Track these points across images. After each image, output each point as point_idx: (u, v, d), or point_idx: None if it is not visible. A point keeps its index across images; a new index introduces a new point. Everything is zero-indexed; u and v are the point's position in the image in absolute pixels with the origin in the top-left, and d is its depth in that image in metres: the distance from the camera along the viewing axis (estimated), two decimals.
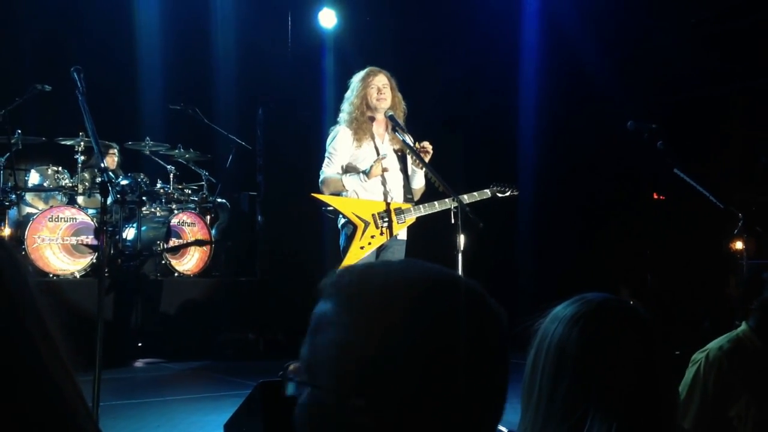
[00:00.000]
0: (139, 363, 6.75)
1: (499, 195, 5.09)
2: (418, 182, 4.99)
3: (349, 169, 4.86)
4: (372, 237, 4.69)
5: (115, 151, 7.77)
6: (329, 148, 4.87)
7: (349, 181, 4.78)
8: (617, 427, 1.20)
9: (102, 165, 4.05)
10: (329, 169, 4.83)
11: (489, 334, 0.89)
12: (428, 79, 8.37)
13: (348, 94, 4.92)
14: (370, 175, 4.71)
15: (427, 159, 4.81)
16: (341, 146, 4.82)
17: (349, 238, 4.70)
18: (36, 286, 0.76)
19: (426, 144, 4.80)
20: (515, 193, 5.17)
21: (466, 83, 9.20)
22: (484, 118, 9.18)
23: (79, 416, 0.73)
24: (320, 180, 4.85)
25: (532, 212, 8.59)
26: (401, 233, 4.85)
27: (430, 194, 4.98)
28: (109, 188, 3.77)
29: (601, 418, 1.21)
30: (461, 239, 4.45)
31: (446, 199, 4.73)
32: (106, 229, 4.48)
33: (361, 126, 4.82)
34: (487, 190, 5.04)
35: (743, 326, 2.91)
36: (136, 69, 8.75)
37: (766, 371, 2.79)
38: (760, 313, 2.88)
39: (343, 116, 4.91)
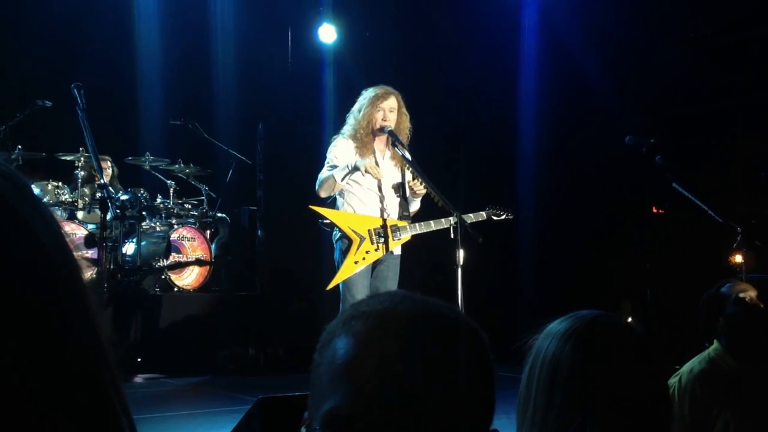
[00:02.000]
0: (138, 378, 6.73)
1: (494, 218, 5.14)
2: (414, 207, 5.02)
3: (347, 182, 4.87)
4: (366, 252, 4.70)
5: (108, 163, 7.76)
6: (329, 155, 4.89)
7: (340, 174, 4.75)
8: None
9: (102, 181, 4.06)
10: (325, 173, 4.84)
11: (479, 376, 0.90)
12: (428, 94, 8.39)
13: (355, 108, 4.94)
14: (363, 168, 4.67)
15: (419, 197, 4.85)
16: (342, 155, 4.83)
17: (344, 253, 4.71)
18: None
19: (416, 183, 4.82)
20: (510, 217, 5.21)
21: (466, 97, 9.23)
22: (483, 131, 9.20)
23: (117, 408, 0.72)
24: (316, 184, 4.86)
25: (532, 226, 8.59)
26: (396, 249, 4.86)
27: (429, 210, 4.99)
28: (109, 204, 3.78)
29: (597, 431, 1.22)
30: (461, 254, 4.46)
31: (442, 219, 4.76)
32: (105, 244, 4.49)
33: (364, 143, 4.85)
34: (483, 213, 5.09)
35: (715, 345, 2.88)
36: (137, 84, 8.78)
37: (743, 389, 2.77)
38: (730, 331, 2.85)
39: (347, 128, 4.93)
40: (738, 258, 5.29)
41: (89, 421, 0.67)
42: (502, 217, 5.16)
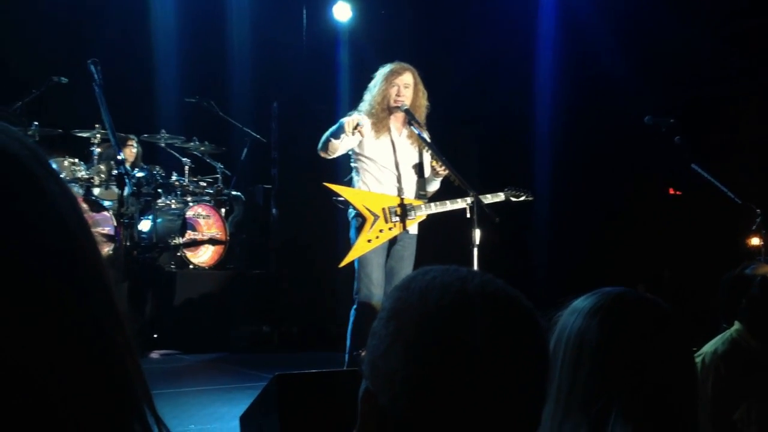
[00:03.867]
0: (154, 354, 6.79)
1: (513, 199, 5.06)
2: (434, 186, 4.98)
3: (360, 157, 4.85)
4: (380, 231, 4.68)
5: (134, 143, 7.80)
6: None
7: (336, 138, 4.63)
8: (639, 422, 1.20)
9: (119, 156, 4.07)
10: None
11: (535, 364, 0.91)
12: (443, 73, 8.34)
13: (371, 85, 4.90)
14: (345, 128, 4.55)
15: (441, 177, 4.82)
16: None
17: (358, 230, 4.69)
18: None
19: (439, 164, 4.78)
20: (529, 198, 5.14)
21: (482, 77, 9.16)
22: (499, 113, 9.14)
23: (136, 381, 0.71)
24: (318, 147, 4.79)
25: (548, 208, 8.56)
26: (412, 228, 4.83)
27: (446, 189, 4.97)
28: (126, 180, 3.79)
29: (624, 410, 1.21)
30: (477, 234, 4.45)
31: (458, 199, 4.72)
32: (122, 220, 4.51)
33: (380, 120, 4.82)
34: (501, 194, 5.01)
35: (736, 326, 2.87)
36: (152, 62, 8.78)
37: (764, 370, 2.76)
38: (751, 311, 2.84)
39: (363, 106, 4.89)
40: (755, 240, 5.26)
41: (108, 397, 0.67)
42: (522, 198, 5.10)
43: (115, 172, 6.11)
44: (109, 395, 0.68)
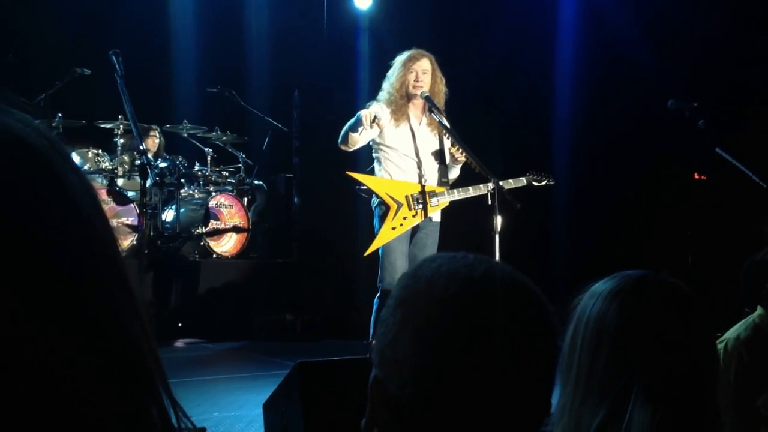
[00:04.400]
0: (179, 343, 6.85)
1: (535, 184, 5.04)
2: (454, 173, 4.97)
3: (381, 147, 4.85)
4: (404, 218, 4.68)
5: (156, 133, 7.86)
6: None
7: (351, 126, 4.66)
8: (659, 405, 1.19)
9: (141, 147, 4.09)
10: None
11: (542, 349, 0.91)
12: (463, 59, 8.30)
13: (390, 73, 4.89)
14: (363, 121, 4.58)
15: (460, 163, 4.80)
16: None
17: (381, 219, 4.69)
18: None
19: (457, 150, 4.77)
20: (551, 183, 5.11)
21: (502, 63, 9.10)
22: (520, 98, 9.08)
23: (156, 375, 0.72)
24: (338, 141, 4.81)
25: (570, 193, 8.51)
26: (435, 215, 4.83)
27: (466, 176, 4.96)
28: (148, 170, 3.81)
29: (643, 394, 1.20)
30: (498, 220, 4.43)
31: (480, 185, 4.71)
32: (145, 210, 4.54)
33: (399, 108, 4.81)
34: (523, 178, 4.99)
35: (759, 311, 2.84)
36: (173, 52, 8.82)
37: None
38: None
39: (382, 95, 4.89)
40: None
41: (125, 383, 0.68)
42: (543, 183, 5.07)
43: (138, 162, 6.15)
44: (127, 381, 0.68)
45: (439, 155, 4.91)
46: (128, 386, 0.68)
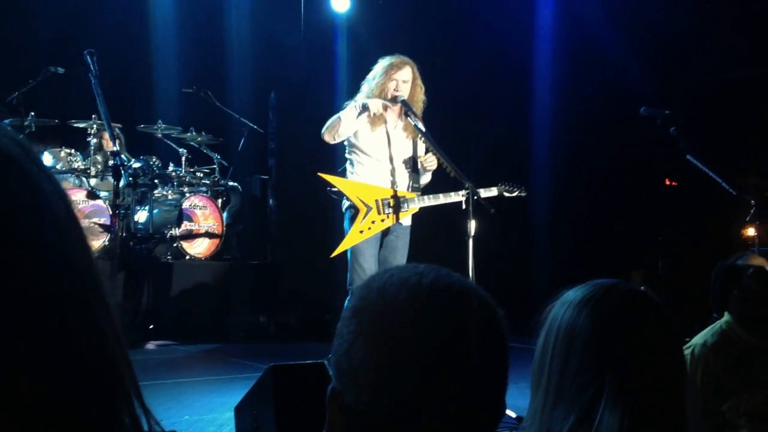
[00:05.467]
0: (150, 345, 6.79)
1: (506, 194, 5.05)
2: (425, 179, 5.00)
3: (355, 149, 4.86)
4: (373, 222, 4.69)
5: (117, 131, 7.75)
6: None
7: (348, 114, 4.72)
8: (627, 410, 1.21)
9: (115, 148, 4.07)
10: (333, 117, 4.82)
11: (491, 350, 0.93)
12: (441, 64, 8.33)
13: (370, 77, 4.89)
14: (370, 108, 4.67)
15: (430, 171, 4.83)
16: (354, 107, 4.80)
17: (350, 221, 4.71)
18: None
19: (428, 157, 4.80)
20: (523, 194, 5.12)
21: (480, 68, 9.15)
22: (497, 104, 9.13)
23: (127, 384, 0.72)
24: (323, 129, 4.83)
25: (545, 197, 8.57)
26: (405, 219, 4.85)
27: (441, 180, 4.97)
28: (122, 171, 3.78)
29: (612, 400, 1.22)
30: (472, 225, 4.45)
31: (451, 193, 4.74)
32: (118, 211, 4.51)
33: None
34: (495, 188, 5.00)
35: (726, 317, 2.88)
36: (150, 52, 8.75)
37: (754, 362, 2.77)
38: (742, 303, 2.84)
39: (360, 97, 4.89)
40: (751, 231, 5.27)
41: (98, 389, 0.68)
42: (515, 194, 5.07)
43: (111, 162, 6.10)
44: (99, 388, 0.68)
45: (412, 161, 4.93)
46: (101, 393, 0.69)
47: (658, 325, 1.29)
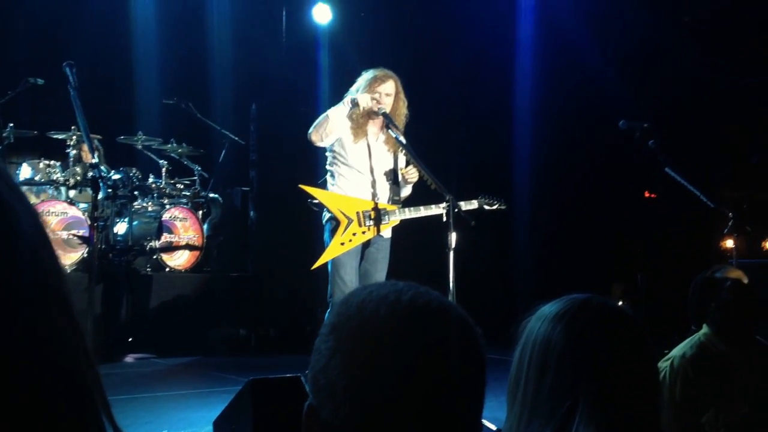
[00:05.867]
0: (129, 358, 6.74)
1: (486, 207, 5.07)
2: (406, 192, 5.01)
3: (337, 161, 4.86)
4: (354, 234, 4.69)
5: (95, 142, 7.69)
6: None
7: (336, 112, 4.73)
8: (602, 425, 1.21)
9: (94, 160, 4.04)
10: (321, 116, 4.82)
11: (468, 367, 0.94)
12: (422, 77, 8.36)
13: (353, 88, 4.90)
14: (360, 102, 4.68)
15: (411, 184, 4.85)
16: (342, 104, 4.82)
17: (331, 233, 4.71)
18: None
19: (409, 170, 4.81)
20: (503, 207, 5.14)
21: (461, 80, 9.19)
22: (478, 115, 9.17)
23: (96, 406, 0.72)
24: (310, 129, 4.83)
25: (525, 210, 8.60)
26: (386, 232, 4.85)
27: (422, 193, 4.98)
28: (100, 183, 3.76)
29: (587, 415, 1.22)
30: (453, 237, 4.46)
31: (432, 206, 4.75)
32: (96, 224, 4.48)
33: (360, 125, 4.83)
34: (475, 201, 5.02)
35: (705, 329, 2.90)
36: (130, 63, 8.71)
37: (732, 374, 2.79)
38: (720, 315, 2.86)
39: (347, 100, 4.89)
40: (729, 243, 5.31)
41: (68, 408, 0.67)
42: (495, 207, 5.09)
43: (90, 174, 6.05)
44: (69, 406, 0.68)
45: (393, 173, 4.94)
46: (70, 413, 0.68)
47: (631, 340, 1.30)
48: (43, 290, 0.68)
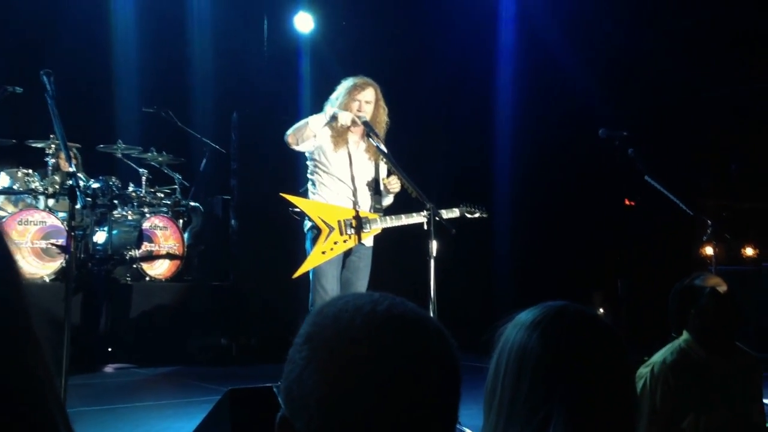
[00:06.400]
0: (109, 368, 6.68)
1: (468, 215, 5.08)
2: (387, 201, 5.01)
3: (318, 169, 4.85)
4: (335, 243, 4.68)
5: (74, 151, 7.62)
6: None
7: (316, 120, 4.72)
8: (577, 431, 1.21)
9: (71, 169, 4.00)
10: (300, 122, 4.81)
11: (444, 379, 0.93)
12: (404, 85, 8.37)
13: (333, 97, 4.90)
14: (339, 118, 4.68)
15: (393, 193, 4.86)
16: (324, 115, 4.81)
17: (312, 242, 4.70)
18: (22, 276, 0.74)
19: (392, 179, 4.81)
20: (484, 215, 5.16)
21: (443, 89, 9.22)
22: (459, 124, 9.20)
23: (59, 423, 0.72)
24: (286, 133, 4.81)
25: (506, 218, 8.63)
26: (367, 240, 4.85)
27: (404, 201, 4.98)
28: (78, 192, 3.72)
29: (563, 422, 1.22)
30: (434, 245, 4.45)
31: (413, 214, 4.75)
32: (74, 233, 4.43)
33: (340, 134, 4.82)
34: (457, 210, 5.04)
35: (685, 336, 2.91)
36: (111, 71, 8.67)
37: (713, 380, 2.80)
38: (700, 322, 2.88)
39: (329, 110, 4.88)
40: (708, 250, 5.34)
41: (26, 425, 0.67)
42: (476, 215, 5.11)
43: (69, 183, 5.99)
44: (27, 423, 0.67)
45: (374, 182, 4.94)
46: (25, 427, 0.67)
47: (608, 348, 1.29)
48: (3, 306, 0.67)
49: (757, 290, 6.95)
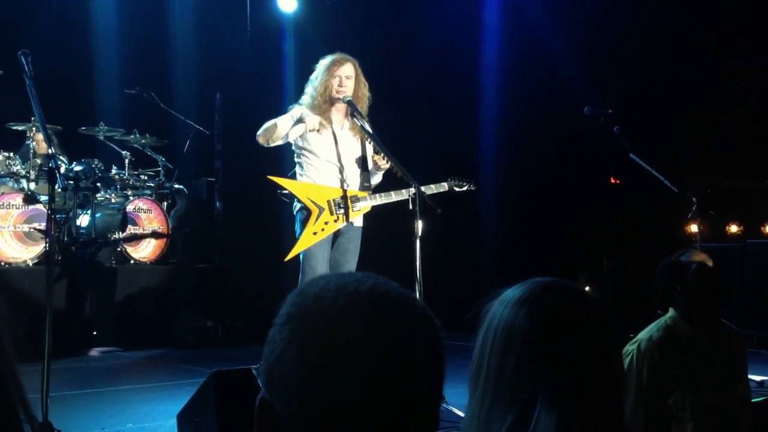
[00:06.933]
0: (94, 352, 6.65)
1: (456, 189, 5.09)
2: (376, 179, 4.98)
3: (303, 151, 4.82)
4: (326, 223, 4.66)
5: (50, 133, 7.49)
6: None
7: (284, 123, 4.71)
8: (564, 411, 1.19)
9: (50, 151, 3.95)
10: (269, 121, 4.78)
11: (428, 360, 0.92)
12: (389, 64, 8.32)
13: (313, 77, 4.87)
14: (306, 122, 4.66)
15: (382, 171, 4.82)
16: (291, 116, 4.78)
17: (303, 223, 4.67)
18: None
19: (380, 158, 4.79)
20: (473, 188, 5.16)
21: (428, 68, 9.17)
22: (445, 102, 9.17)
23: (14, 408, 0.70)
24: (257, 133, 4.79)
25: (492, 197, 8.63)
26: (357, 220, 4.83)
27: (389, 180, 4.95)
28: (57, 175, 3.68)
29: (549, 400, 1.20)
30: (419, 225, 4.44)
31: (403, 190, 4.72)
32: (55, 216, 4.39)
33: (323, 112, 4.78)
34: (445, 184, 5.03)
35: (671, 313, 2.92)
36: (91, 52, 8.56)
37: (699, 357, 2.81)
38: (686, 298, 2.88)
39: (305, 99, 4.86)
40: (693, 227, 5.36)
41: None
42: (465, 188, 5.12)
43: (50, 165, 5.92)
44: None
45: (362, 160, 4.90)
46: None
47: (595, 324, 1.28)
48: None
49: (741, 267, 7.00)
